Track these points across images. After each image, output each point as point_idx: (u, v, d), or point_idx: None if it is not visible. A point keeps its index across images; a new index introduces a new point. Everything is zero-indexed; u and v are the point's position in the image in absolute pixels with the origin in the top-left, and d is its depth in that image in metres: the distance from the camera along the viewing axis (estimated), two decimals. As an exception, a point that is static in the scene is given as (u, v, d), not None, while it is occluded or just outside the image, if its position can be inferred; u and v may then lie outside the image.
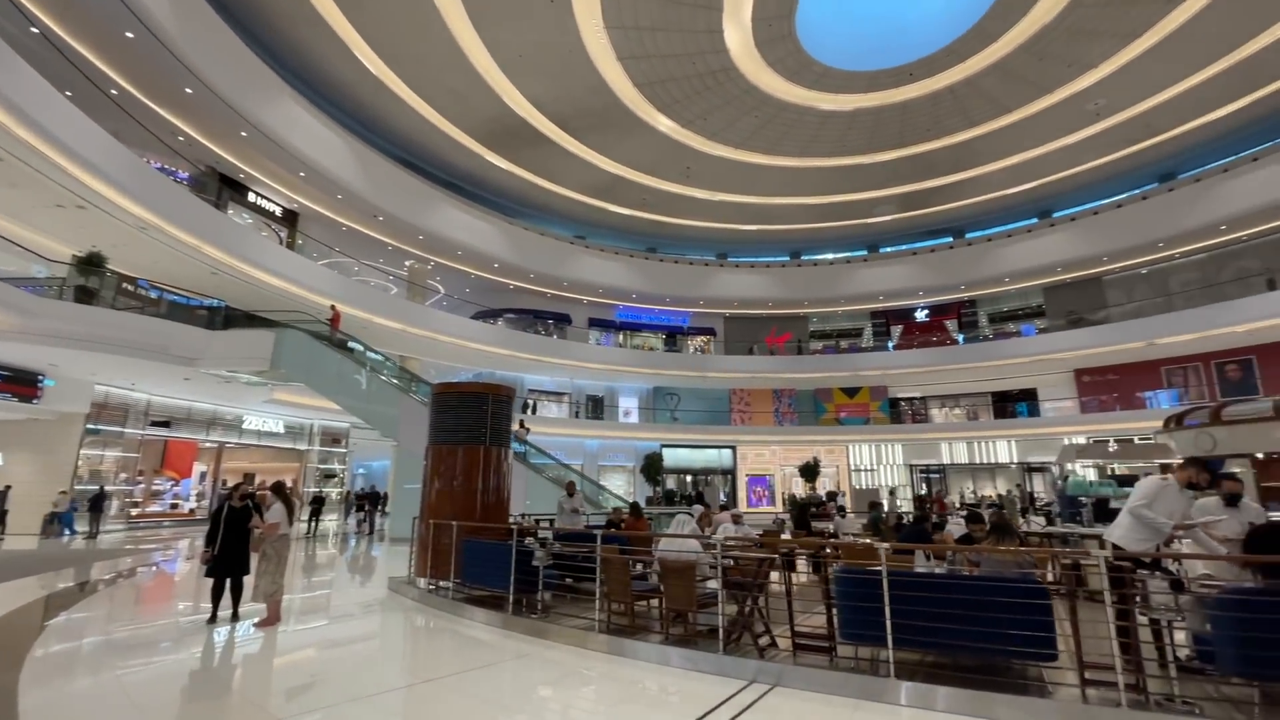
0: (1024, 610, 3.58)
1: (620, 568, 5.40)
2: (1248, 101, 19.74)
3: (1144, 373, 24.17)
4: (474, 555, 7.00)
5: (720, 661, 4.57)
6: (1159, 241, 22.75)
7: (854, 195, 26.29)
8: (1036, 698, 3.61)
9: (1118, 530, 4.28)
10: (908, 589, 3.89)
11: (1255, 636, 3.12)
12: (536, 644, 5.55)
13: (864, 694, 3.99)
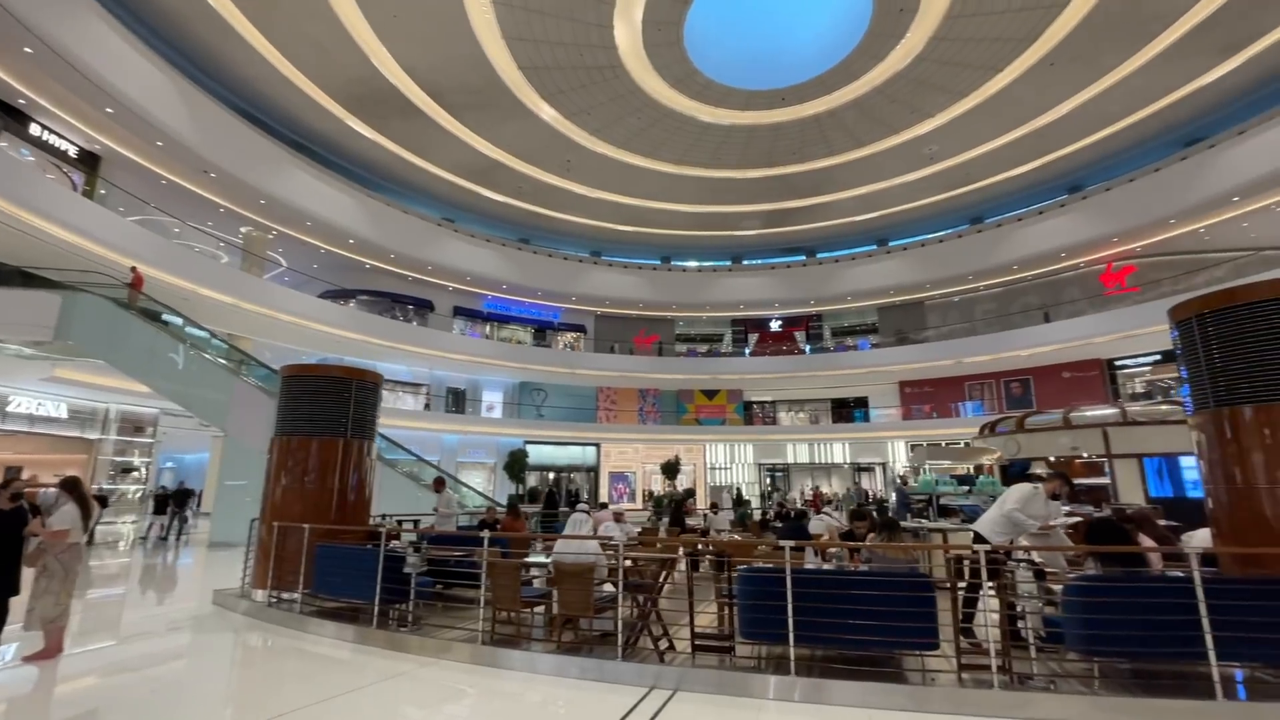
0: (914, 603, 3.89)
1: (509, 572, 5.03)
2: (1039, 163, 23.66)
3: (953, 386, 28.00)
4: (330, 562, 6.18)
5: (619, 669, 4.41)
6: (968, 275, 26.44)
7: (723, 207, 27.58)
8: (923, 686, 3.92)
9: (986, 525, 4.83)
10: (810, 586, 4.04)
11: (1094, 618, 3.66)
12: (409, 660, 4.99)
13: (767, 693, 4.04)
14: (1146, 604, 3.59)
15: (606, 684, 4.33)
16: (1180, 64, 18.06)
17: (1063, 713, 3.56)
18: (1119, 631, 3.61)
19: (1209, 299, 4.48)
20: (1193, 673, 3.58)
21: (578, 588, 4.65)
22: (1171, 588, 3.62)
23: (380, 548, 5.60)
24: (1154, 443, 8.76)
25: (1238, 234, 21.40)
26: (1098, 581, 3.89)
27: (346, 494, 7.16)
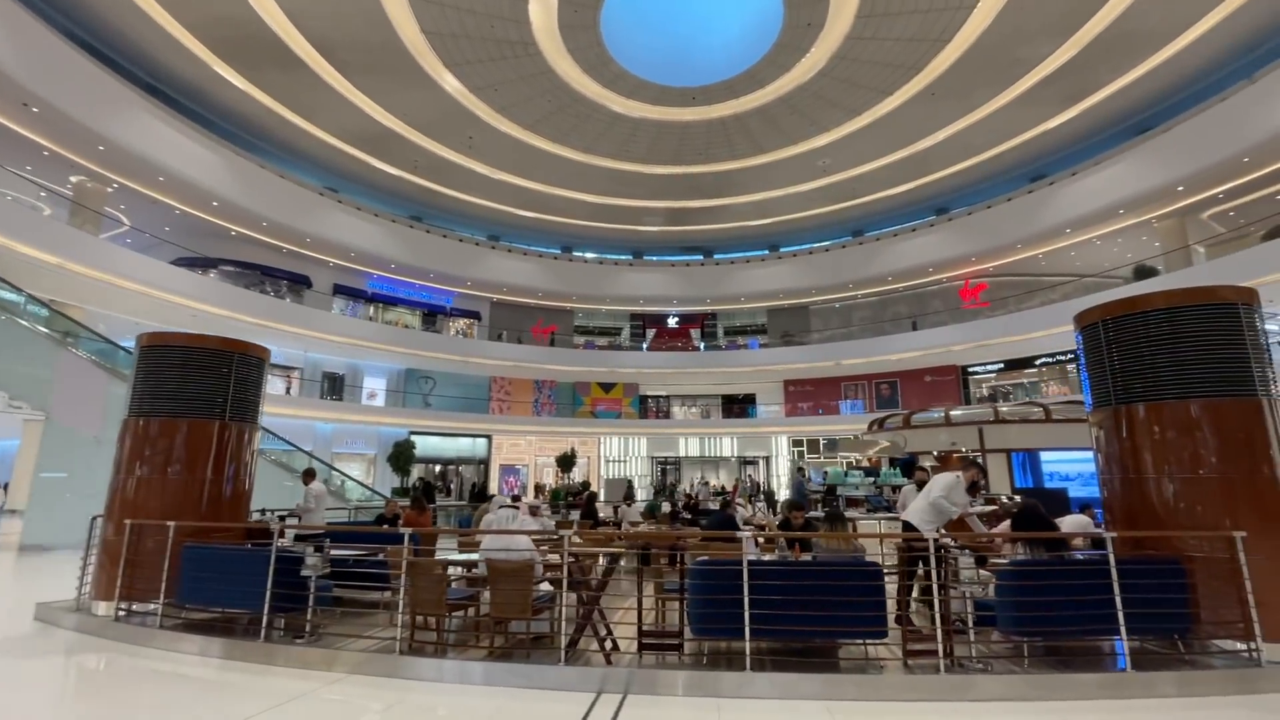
0: (866, 592, 3.96)
1: (432, 573, 4.52)
2: (915, 185, 25.90)
3: (831, 386, 30.02)
4: (202, 566, 5.25)
5: (562, 674, 4.10)
6: (849, 283, 28.44)
7: (628, 201, 27.55)
8: (876, 675, 4.00)
9: (916, 515, 5.07)
10: (767, 578, 3.99)
11: (1025, 600, 3.94)
12: (311, 678, 4.31)
13: (725, 691, 3.92)
14: (1069, 585, 3.93)
15: (550, 691, 4.00)
16: (1032, 108, 20.50)
17: (1001, 692, 3.79)
18: (1046, 612, 3.92)
19: (1110, 306, 5.02)
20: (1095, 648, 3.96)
21: (514, 588, 4.27)
22: (1089, 569, 3.98)
23: (271, 547, 4.82)
24: (1020, 439, 9.84)
25: (1065, 261, 24.77)
26: (1029, 566, 4.22)
27: (222, 486, 6.15)
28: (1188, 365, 4.49)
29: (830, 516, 5.17)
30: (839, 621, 4.02)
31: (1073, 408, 10.56)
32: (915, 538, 4.43)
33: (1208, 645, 4.16)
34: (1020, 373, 26.29)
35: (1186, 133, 18.21)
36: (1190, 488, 4.38)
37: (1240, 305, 4.51)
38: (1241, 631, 3.96)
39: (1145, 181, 19.33)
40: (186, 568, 5.25)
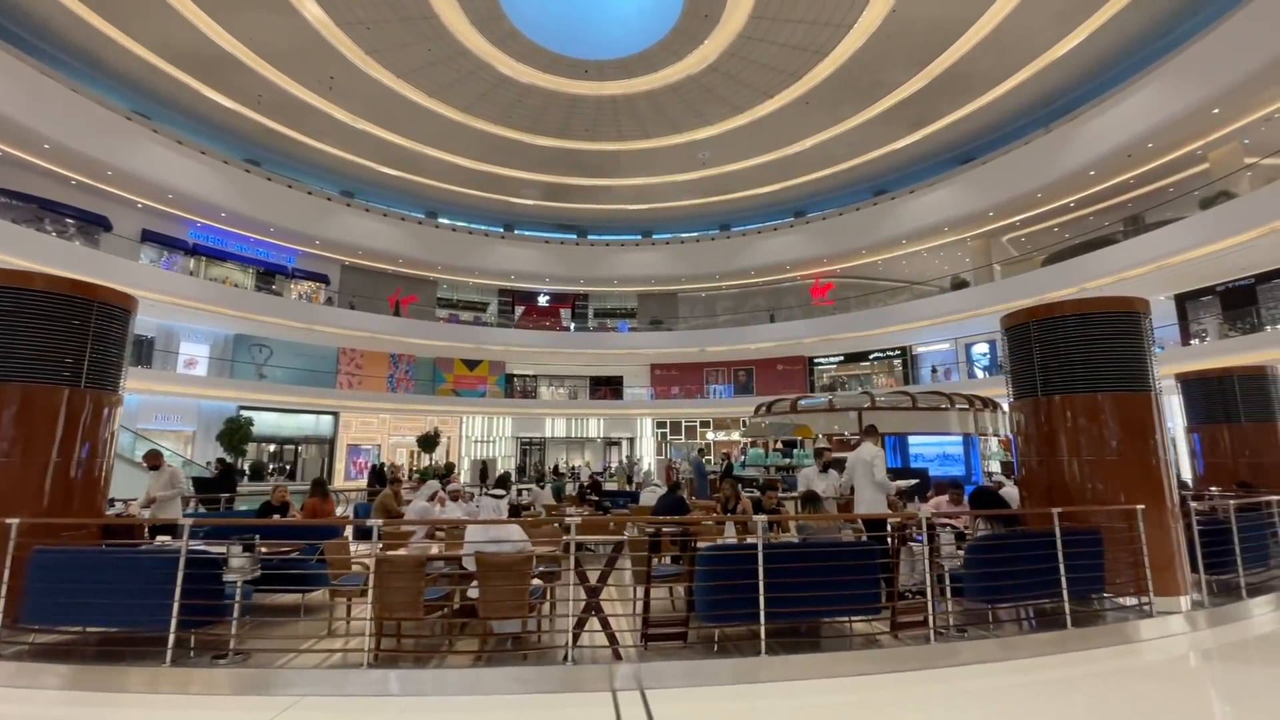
0: (864, 570, 4.15)
1: (409, 572, 3.87)
2: (780, 186, 27.74)
3: (695, 371, 31.39)
4: (62, 576, 4.02)
5: (569, 674, 3.76)
6: (715, 274, 29.85)
7: (505, 170, 26.23)
8: (875, 649, 4.20)
9: (868, 504, 5.41)
10: (778, 562, 3.99)
11: (990, 571, 4.41)
12: (253, 707, 3.50)
13: (743, 678, 3.85)
14: (1023, 556, 4.49)
15: (559, 694, 3.66)
16: (886, 128, 22.91)
17: (980, 655, 4.21)
18: (1006, 581, 4.44)
19: (1035, 310, 5.78)
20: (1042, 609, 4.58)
21: (509, 583, 3.82)
22: (1040, 542, 4.57)
23: (181, 547, 3.81)
24: (892, 424, 11.05)
25: (899, 268, 28.23)
26: (993, 540, 4.73)
27: (70, 473, 4.77)
28: (1098, 362, 5.33)
29: (806, 499, 5.36)
30: (842, 600, 4.20)
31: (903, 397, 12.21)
32: (908, 518, 4.77)
33: (1114, 601, 5.04)
34: (857, 365, 29.56)
35: (998, 167, 21.53)
36: (1097, 468, 5.23)
37: (1140, 314, 5.46)
38: (1138, 588, 4.84)
39: (965, 205, 22.58)
40: (37, 579, 3.98)
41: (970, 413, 11.35)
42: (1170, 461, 5.36)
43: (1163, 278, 17.98)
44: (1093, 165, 18.80)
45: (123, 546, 4.40)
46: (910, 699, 3.69)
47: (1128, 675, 4.08)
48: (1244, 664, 4.47)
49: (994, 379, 23.00)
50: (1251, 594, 5.48)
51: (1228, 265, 17.21)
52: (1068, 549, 4.53)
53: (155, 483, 7.14)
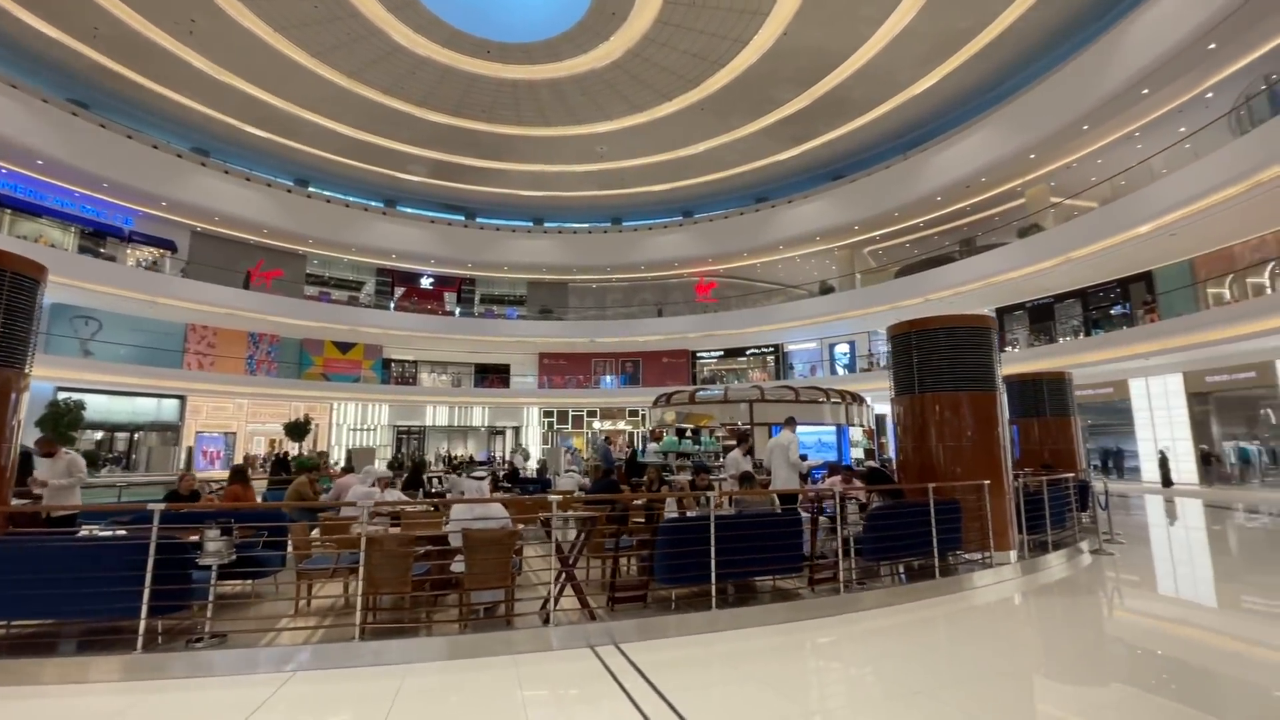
0: (792, 537, 4.86)
1: (396, 550, 3.95)
2: (672, 186, 28.84)
3: (583, 362, 31.80)
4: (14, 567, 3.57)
5: (549, 635, 4.12)
6: (606, 266, 30.41)
7: (390, 142, 24.84)
8: (797, 600, 4.92)
9: (783, 481, 6.20)
10: (725, 531, 4.57)
11: (882, 535, 5.33)
12: (248, 684, 3.44)
13: (699, 628, 4.42)
14: (906, 523, 5.48)
15: (544, 653, 4.05)
16: (771, 141, 24.70)
17: (876, 602, 5.12)
18: (895, 543, 5.40)
19: (915, 322, 6.90)
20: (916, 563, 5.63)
21: (494, 557, 4.04)
22: (919, 511, 5.59)
23: (152, 532, 3.58)
24: (777, 415, 12.28)
25: (774, 272, 30.56)
26: (884, 510, 5.68)
27: None
28: (959, 367, 6.53)
29: (743, 478, 6.02)
30: (773, 562, 4.90)
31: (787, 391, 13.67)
32: (825, 491, 5.58)
33: (966, 556, 6.26)
34: (735, 360, 31.60)
35: (864, 186, 24.11)
36: (957, 452, 6.43)
37: (990, 329, 6.75)
38: (981, 544, 6.08)
39: (834, 218, 25.02)
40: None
41: (842, 406, 12.89)
42: (1007, 447, 6.73)
43: (988, 293, 21.28)
44: (939, 192, 21.69)
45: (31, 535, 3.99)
46: (827, 637, 4.50)
47: (974, 610, 5.24)
48: (1046, 597, 5.83)
49: (853, 376, 25.83)
50: (1055, 548, 7.06)
51: (1035, 286, 20.78)
52: (937, 517, 5.60)
53: (50, 470, 6.31)
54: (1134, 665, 4.08)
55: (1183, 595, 6.18)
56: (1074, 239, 17.59)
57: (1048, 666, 4.12)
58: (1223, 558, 7.99)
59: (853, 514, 5.52)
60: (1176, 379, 18.48)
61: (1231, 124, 15.13)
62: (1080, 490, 8.87)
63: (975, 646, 4.45)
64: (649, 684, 3.45)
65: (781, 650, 4.18)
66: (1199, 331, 15.22)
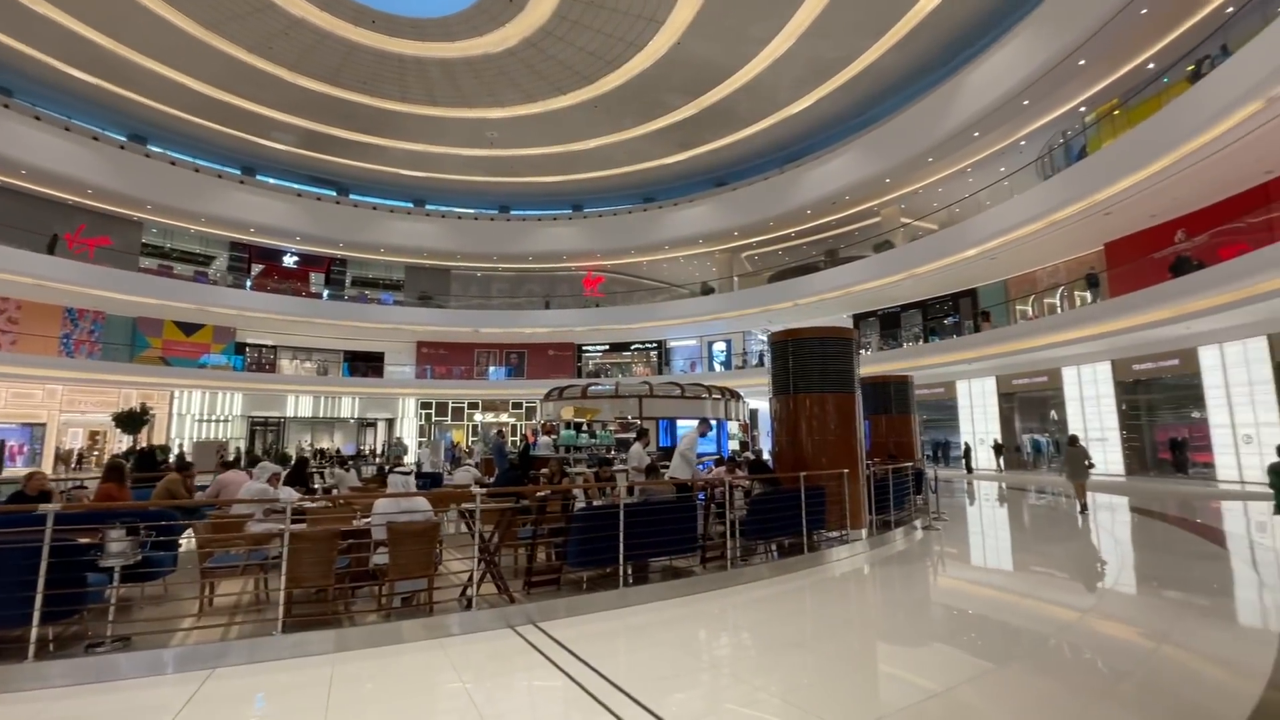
0: (689, 521, 5.40)
1: (321, 544, 3.89)
2: (562, 179, 28.88)
3: (466, 352, 30.95)
4: None
5: (472, 618, 4.29)
6: (493, 255, 29.83)
7: (252, 104, 22.60)
8: (691, 577, 5.47)
9: (678, 470, 6.74)
10: (633, 518, 4.98)
11: (762, 518, 6.04)
12: (174, 684, 3.26)
13: (609, 605, 4.79)
14: (781, 507, 6.24)
15: (472, 634, 4.23)
16: (660, 144, 25.58)
17: (757, 575, 5.83)
18: (773, 524, 6.14)
19: (791, 332, 7.78)
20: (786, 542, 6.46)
21: (418, 549, 4.12)
22: (792, 497, 6.39)
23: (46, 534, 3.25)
24: (664, 410, 13.01)
25: (659, 270, 31.66)
26: (765, 496, 6.41)
27: None
28: (827, 371, 7.49)
29: (649, 469, 6.45)
30: (673, 543, 5.41)
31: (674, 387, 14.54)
32: (717, 480, 6.18)
33: (828, 534, 7.22)
34: (619, 355, 32.33)
35: (744, 195, 25.73)
36: (823, 445, 7.37)
37: (851, 340, 7.78)
38: (841, 524, 7.08)
39: (716, 223, 26.46)
40: None
41: (722, 402, 13.91)
42: (861, 440, 7.84)
43: (848, 301, 23.70)
44: (809, 206, 23.74)
45: None
46: (718, 607, 5.14)
47: (834, 579, 6.17)
48: (889, 567, 6.93)
49: (729, 372, 27.54)
50: (896, 526, 8.34)
51: (886, 296, 23.47)
52: (807, 501, 6.46)
53: None
54: (950, 618, 5.11)
55: (989, 563, 7.63)
56: (918, 257, 20.15)
57: (888, 620, 5.04)
58: (1018, 531, 9.83)
59: (739, 500, 6.22)
60: (991, 382, 21.81)
61: (1039, 169, 18.16)
62: (917, 477, 10.45)
63: (834, 607, 5.31)
64: (571, 654, 3.81)
65: (680, 619, 4.72)
66: (1009, 342, 18.14)
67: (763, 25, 18.23)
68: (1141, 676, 3.64)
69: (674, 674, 3.64)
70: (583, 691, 3.28)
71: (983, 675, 3.57)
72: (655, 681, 3.46)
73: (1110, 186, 13.96)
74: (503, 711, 3.17)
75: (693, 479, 6.52)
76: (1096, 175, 14.19)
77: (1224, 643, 4.31)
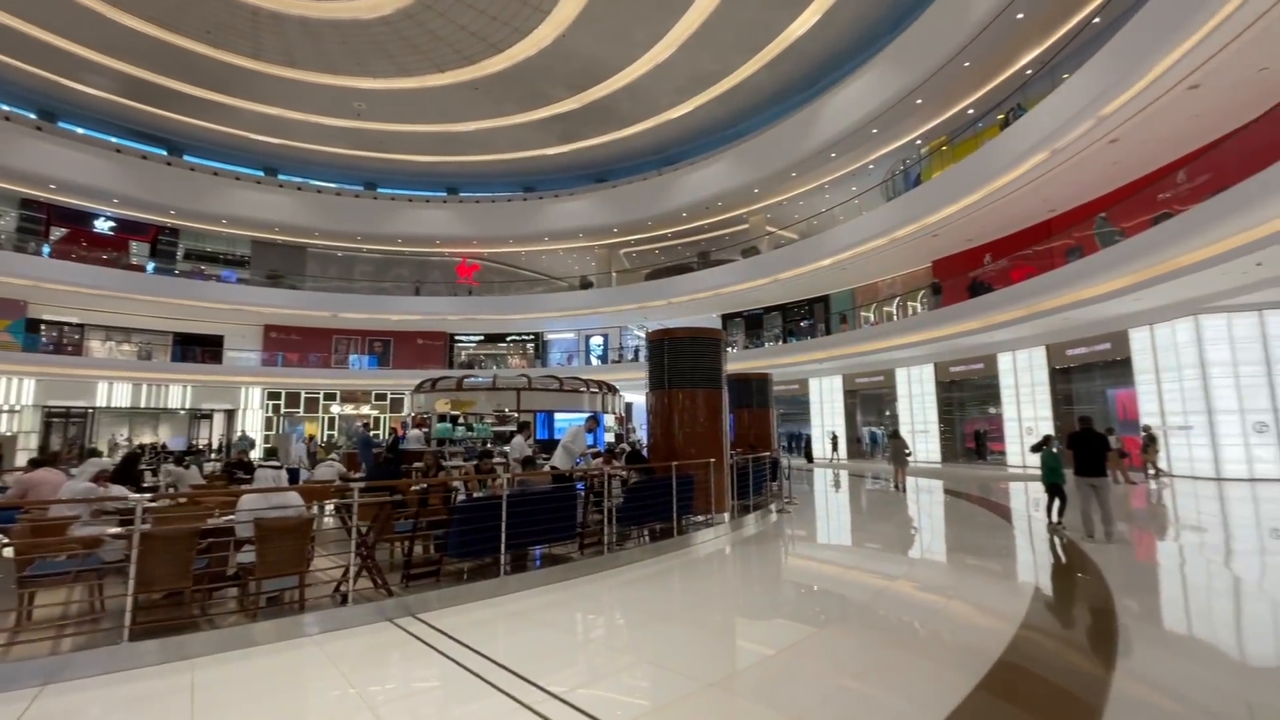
0: (570, 510, 5.56)
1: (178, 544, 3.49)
2: (436, 159, 27.65)
3: (322, 338, 28.66)
4: None
5: (348, 614, 4.17)
6: (357, 234, 27.88)
7: (62, 41, 19.26)
8: (571, 562, 5.64)
9: (560, 461, 6.87)
10: (514, 508, 5.05)
11: (637, 504, 6.38)
12: None
13: (489, 594, 4.83)
14: (655, 494, 6.64)
15: (349, 629, 4.13)
16: (540, 134, 25.36)
17: (632, 559, 6.14)
18: (647, 510, 6.51)
19: (667, 332, 8.23)
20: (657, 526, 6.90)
21: (289, 545, 3.87)
22: (664, 484, 6.81)
23: None
24: (543, 403, 13.07)
25: (537, 261, 31.41)
26: (641, 484, 6.74)
27: None
28: (698, 369, 8.04)
29: (526, 462, 6.47)
30: (554, 531, 5.56)
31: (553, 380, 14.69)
32: (596, 472, 6.38)
33: (696, 518, 7.77)
34: (495, 346, 31.62)
35: (624, 193, 26.29)
36: (693, 436, 7.91)
37: (720, 341, 8.40)
38: (707, 509, 7.66)
39: (597, 219, 26.78)
40: None
41: (599, 395, 14.23)
42: (726, 432, 8.53)
43: (718, 301, 25.10)
44: (685, 209, 24.79)
45: None
46: (595, 589, 5.40)
47: (699, 559, 6.72)
48: (747, 547, 7.64)
49: (606, 366, 28.03)
50: (755, 510, 9.17)
51: (752, 298, 25.17)
52: (678, 488, 6.95)
53: None
54: (792, 590, 5.82)
55: (828, 540, 8.66)
56: (780, 264, 21.86)
57: (743, 594, 5.63)
58: (855, 513, 11.18)
59: (616, 489, 6.54)
60: (839, 380, 24.23)
61: (884, 192, 20.45)
62: (773, 465, 11.49)
63: (699, 584, 5.82)
64: (454, 640, 3.88)
65: (560, 603, 4.93)
66: (853, 345, 20.30)
67: (646, 30, 18.75)
68: (933, 627, 4.46)
69: (555, 651, 3.86)
70: (467, 673, 3.39)
71: (808, 638, 4.17)
72: (537, 659, 3.65)
73: (937, 213, 16.15)
74: (388, 697, 3.19)
75: (571, 470, 6.74)
76: (927, 202, 16.34)
77: (995, 595, 5.36)
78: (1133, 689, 3.32)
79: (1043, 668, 3.58)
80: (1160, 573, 6.23)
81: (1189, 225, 9.83)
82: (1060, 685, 3.36)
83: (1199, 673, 3.59)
